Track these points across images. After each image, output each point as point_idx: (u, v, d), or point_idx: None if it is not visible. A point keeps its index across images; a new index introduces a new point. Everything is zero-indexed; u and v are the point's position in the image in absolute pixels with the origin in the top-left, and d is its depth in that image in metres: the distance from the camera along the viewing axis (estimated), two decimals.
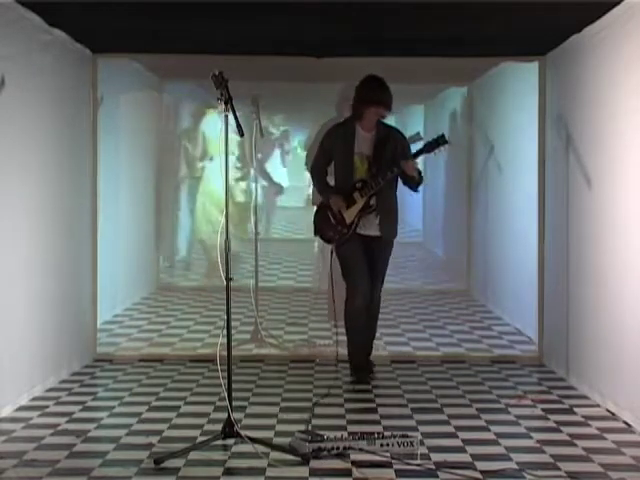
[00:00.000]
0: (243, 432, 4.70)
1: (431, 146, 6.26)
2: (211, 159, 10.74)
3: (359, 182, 6.31)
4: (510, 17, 5.75)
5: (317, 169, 6.58)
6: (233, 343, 4.89)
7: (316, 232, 6.57)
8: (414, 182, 6.37)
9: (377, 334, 7.95)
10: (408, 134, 6.54)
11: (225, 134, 4.73)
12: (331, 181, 6.53)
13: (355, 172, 6.34)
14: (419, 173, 6.34)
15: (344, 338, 6.49)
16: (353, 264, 6.31)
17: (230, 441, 4.75)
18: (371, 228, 6.36)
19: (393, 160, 6.24)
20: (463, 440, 4.91)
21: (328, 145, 6.50)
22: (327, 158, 6.50)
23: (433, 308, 9.34)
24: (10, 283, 5.46)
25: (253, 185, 8.38)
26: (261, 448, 4.62)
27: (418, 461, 4.50)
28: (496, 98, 9.10)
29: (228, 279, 4.76)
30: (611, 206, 5.58)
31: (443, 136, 6.24)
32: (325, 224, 6.44)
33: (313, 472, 4.36)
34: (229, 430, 4.71)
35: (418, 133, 6.50)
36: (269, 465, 4.44)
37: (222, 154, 4.73)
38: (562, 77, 6.64)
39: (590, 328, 5.94)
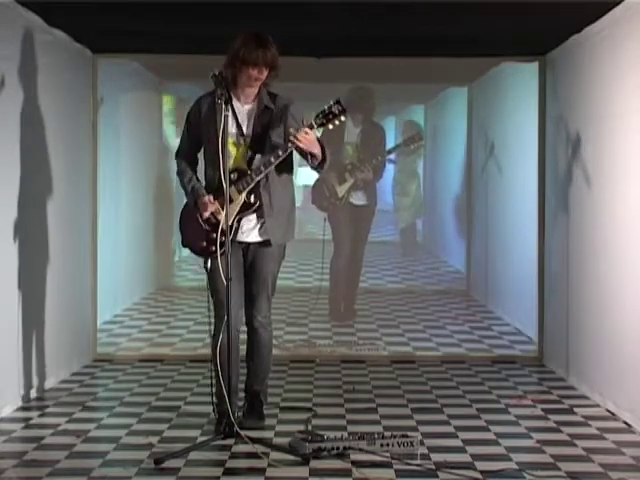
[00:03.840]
0: (243, 432, 4.70)
1: (324, 117, 4.86)
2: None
3: (234, 172, 4.91)
4: (510, 17, 5.75)
5: (181, 156, 5.10)
6: None
7: (184, 243, 5.16)
8: (315, 160, 4.89)
9: (377, 334, 7.98)
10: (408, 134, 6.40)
11: (224, 134, 4.73)
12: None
13: (230, 158, 4.90)
14: (322, 147, 4.88)
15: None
16: (222, 287, 4.83)
17: (230, 441, 4.75)
18: (252, 232, 5.04)
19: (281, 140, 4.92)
20: (463, 440, 4.90)
21: (194, 122, 5.03)
22: (194, 140, 5.03)
23: (433, 308, 9.34)
24: (10, 283, 5.46)
25: None
26: (261, 448, 4.62)
27: (418, 461, 4.50)
28: (496, 98, 9.10)
29: (228, 279, 4.76)
30: (611, 206, 5.57)
31: (338, 102, 4.82)
32: (194, 231, 5.01)
33: (313, 472, 4.35)
34: (229, 430, 4.71)
35: (419, 132, 5.67)
36: (269, 465, 4.43)
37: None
38: (562, 77, 6.64)
39: (590, 328, 5.93)
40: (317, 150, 4.85)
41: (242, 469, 4.45)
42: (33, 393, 5.80)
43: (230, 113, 4.81)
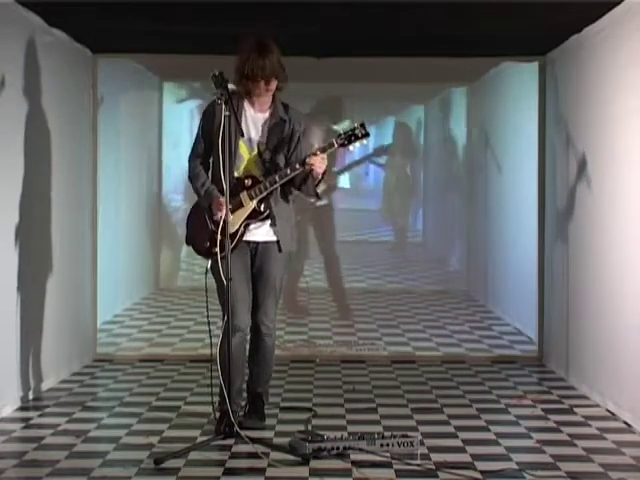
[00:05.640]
0: (243, 432, 4.71)
1: (347, 139, 4.87)
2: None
3: (248, 179, 4.92)
4: (510, 17, 5.75)
5: (195, 158, 5.04)
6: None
7: (188, 241, 5.10)
8: (313, 186, 4.96)
9: (377, 334, 7.98)
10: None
11: (224, 134, 4.72)
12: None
13: (241, 165, 4.94)
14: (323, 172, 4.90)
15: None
16: (231, 288, 4.77)
17: (230, 441, 4.75)
18: (260, 231, 5.01)
19: (288, 150, 4.98)
20: (463, 440, 4.90)
21: (207, 125, 4.97)
22: (208, 143, 4.97)
23: (433, 308, 9.34)
24: (10, 283, 5.46)
25: None
26: (261, 448, 4.63)
27: (418, 461, 4.50)
28: (496, 98, 9.10)
29: (228, 279, 4.76)
30: (611, 206, 5.57)
31: (362, 125, 4.80)
32: (200, 231, 4.98)
33: (313, 472, 4.36)
34: (229, 430, 4.71)
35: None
36: (269, 465, 4.43)
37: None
38: (562, 77, 6.65)
39: (590, 328, 5.94)
40: (322, 176, 4.91)
41: (242, 469, 4.45)
42: (33, 393, 5.80)
43: (237, 117, 4.77)
